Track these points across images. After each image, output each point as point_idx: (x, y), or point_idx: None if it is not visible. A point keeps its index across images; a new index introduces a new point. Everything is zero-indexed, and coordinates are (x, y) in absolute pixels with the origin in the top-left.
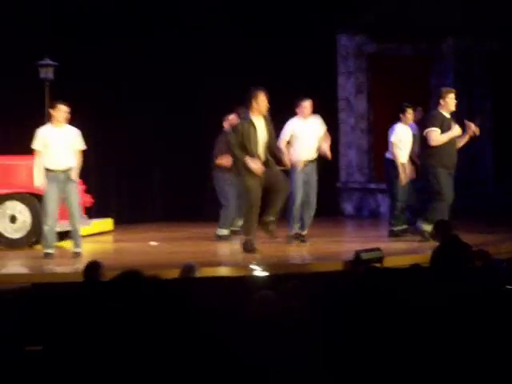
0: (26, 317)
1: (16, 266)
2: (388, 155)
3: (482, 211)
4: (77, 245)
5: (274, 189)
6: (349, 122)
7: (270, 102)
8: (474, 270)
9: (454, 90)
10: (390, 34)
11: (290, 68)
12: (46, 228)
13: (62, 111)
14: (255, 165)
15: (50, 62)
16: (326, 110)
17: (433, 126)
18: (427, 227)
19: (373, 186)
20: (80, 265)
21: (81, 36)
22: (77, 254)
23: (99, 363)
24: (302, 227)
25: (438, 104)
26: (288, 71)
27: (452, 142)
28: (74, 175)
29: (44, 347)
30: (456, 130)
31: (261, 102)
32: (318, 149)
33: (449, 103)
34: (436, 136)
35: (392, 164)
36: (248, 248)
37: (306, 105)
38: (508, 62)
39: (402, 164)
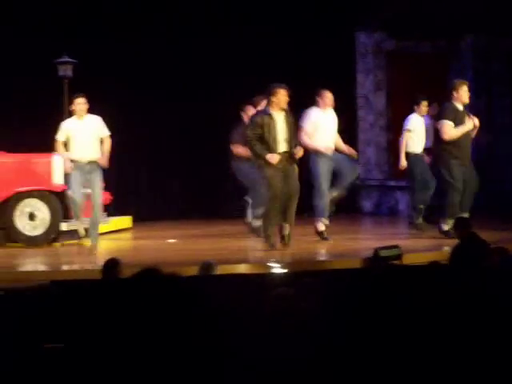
0: (44, 314)
1: (35, 263)
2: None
3: (500, 209)
4: (93, 237)
5: (289, 192)
6: (367, 119)
7: (289, 99)
8: (493, 267)
9: (466, 82)
10: (409, 31)
11: (309, 65)
12: (70, 196)
13: (79, 104)
14: (271, 156)
15: (69, 60)
16: (345, 108)
17: (446, 118)
18: (449, 224)
19: (391, 183)
20: (99, 262)
21: (99, 33)
22: (92, 248)
23: (118, 360)
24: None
25: (451, 96)
26: (307, 68)
27: (465, 134)
28: (104, 162)
29: (64, 345)
30: (469, 124)
31: (281, 96)
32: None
33: (462, 95)
34: (449, 130)
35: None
36: (270, 243)
37: (329, 95)
38: None
39: (413, 153)
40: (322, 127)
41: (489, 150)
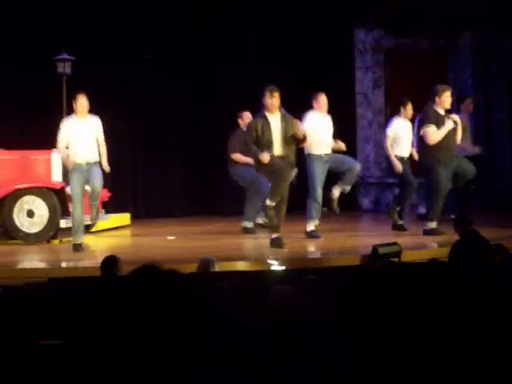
0: (42, 312)
1: (33, 260)
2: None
3: (500, 206)
4: (92, 217)
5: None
6: (366, 116)
7: (288, 96)
8: (493, 265)
9: (449, 88)
10: (408, 28)
11: (308, 63)
12: (74, 215)
13: (80, 101)
14: (262, 155)
15: (68, 57)
16: (344, 105)
17: (428, 122)
18: (432, 224)
19: (390, 180)
20: (98, 259)
21: (98, 30)
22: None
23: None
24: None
25: (433, 101)
26: (306, 66)
27: (449, 136)
28: (106, 165)
29: (63, 342)
30: (448, 124)
31: (272, 98)
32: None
33: (444, 101)
34: (432, 134)
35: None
36: (278, 243)
37: (324, 99)
38: None
39: (399, 156)
40: (319, 130)
41: (486, 149)
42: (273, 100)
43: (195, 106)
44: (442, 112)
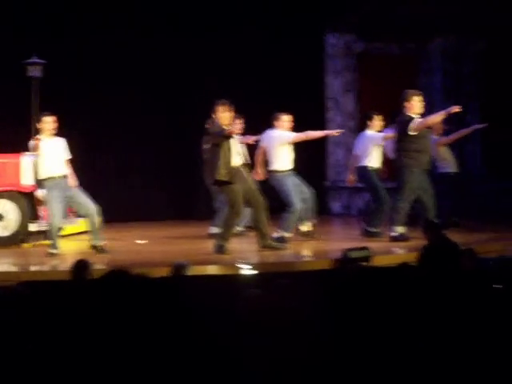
0: (11, 316)
1: (3, 264)
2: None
3: (470, 211)
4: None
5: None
6: (336, 120)
7: (258, 102)
8: (462, 269)
9: (419, 93)
10: (378, 33)
11: (279, 68)
12: (52, 227)
13: (48, 122)
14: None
15: (38, 60)
16: (314, 109)
17: (411, 123)
18: (400, 229)
19: (361, 185)
20: (68, 263)
21: (68, 33)
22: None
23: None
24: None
25: (403, 107)
26: (276, 71)
27: (426, 139)
28: (73, 182)
29: (32, 346)
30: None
31: (222, 113)
32: None
33: (414, 105)
34: (418, 123)
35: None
36: (221, 251)
37: (287, 118)
38: (496, 62)
39: (371, 167)
40: (285, 147)
41: (458, 151)
42: (222, 114)
43: (168, 109)
44: (414, 117)
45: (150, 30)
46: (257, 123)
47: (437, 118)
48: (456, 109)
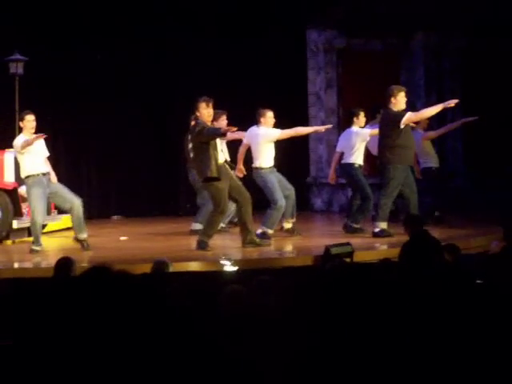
0: None
1: None
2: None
3: (452, 206)
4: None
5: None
6: (319, 116)
7: (240, 98)
8: (444, 265)
9: (404, 89)
10: (360, 28)
11: (260, 63)
12: (34, 223)
13: (29, 121)
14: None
15: (20, 57)
16: (296, 106)
17: (401, 117)
18: (382, 225)
19: (343, 181)
20: (50, 260)
21: (51, 30)
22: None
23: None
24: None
25: (389, 102)
26: (258, 67)
27: (409, 134)
28: (54, 179)
29: (13, 342)
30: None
31: (202, 110)
32: None
33: (400, 101)
34: (413, 116)
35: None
36: (203, 247)
37: (271, 115)
38: (478, 58)
39: (357, 164)
40: (270, 144)
41: (438, 147)
42: (203, 111)
43: (151, 107)
44: (403, 112)
45: (132, 30)
46: (240, 119)
47: (433, 110)
48: (453, 103)
